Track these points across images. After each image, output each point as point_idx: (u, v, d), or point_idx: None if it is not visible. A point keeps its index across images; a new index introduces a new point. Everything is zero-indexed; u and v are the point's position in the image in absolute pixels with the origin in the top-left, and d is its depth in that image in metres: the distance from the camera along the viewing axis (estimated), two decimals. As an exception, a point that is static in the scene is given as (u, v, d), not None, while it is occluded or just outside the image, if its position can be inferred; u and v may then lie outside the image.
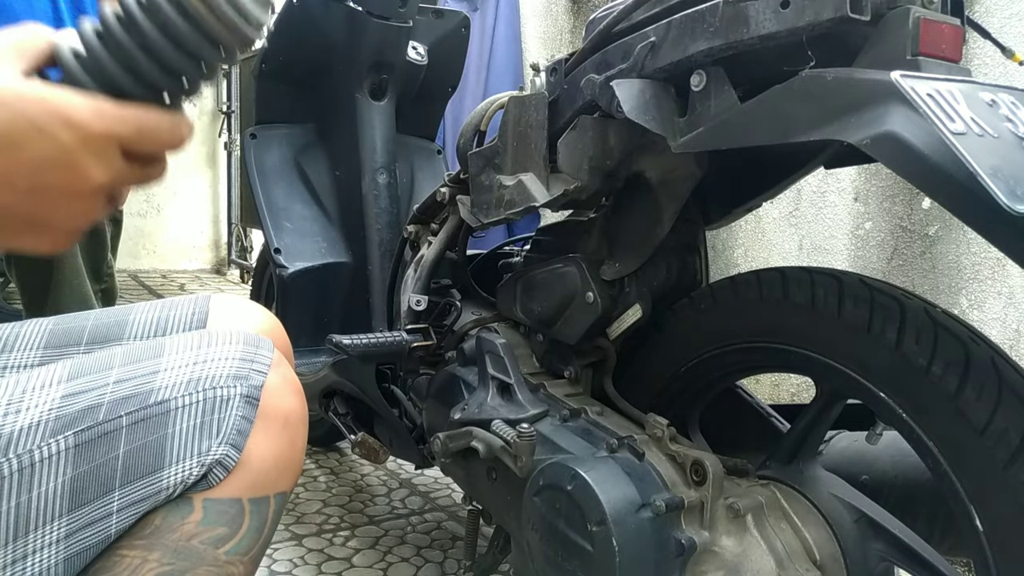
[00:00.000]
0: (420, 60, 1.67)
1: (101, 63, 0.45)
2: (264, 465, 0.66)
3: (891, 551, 0.78)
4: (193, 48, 0.45)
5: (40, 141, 0.40)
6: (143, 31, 0.44)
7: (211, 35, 0.45)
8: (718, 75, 0.77)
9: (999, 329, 1.57)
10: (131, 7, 0.45)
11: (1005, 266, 1.55)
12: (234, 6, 0.45)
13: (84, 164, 0.42)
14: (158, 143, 0.45)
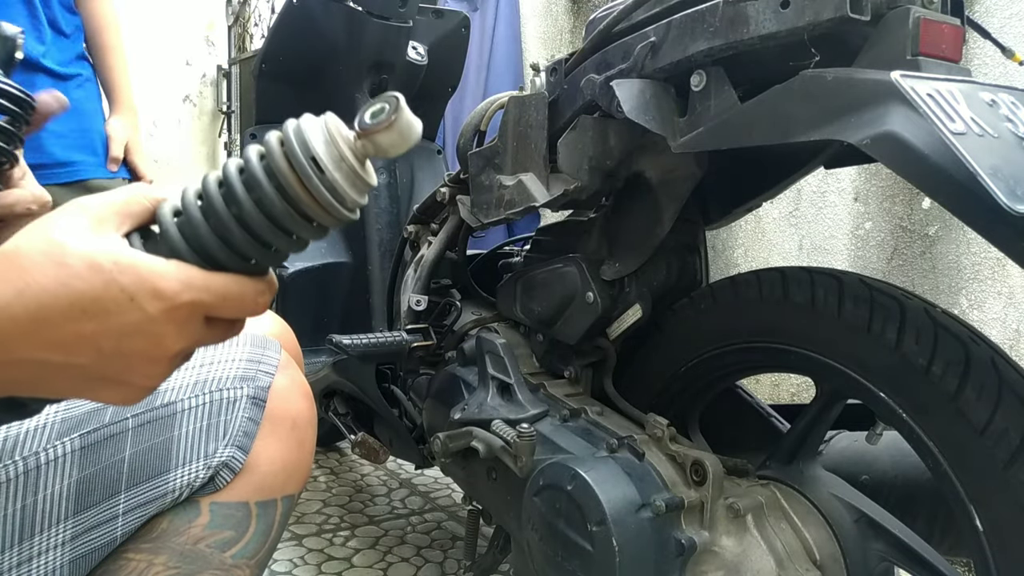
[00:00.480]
0: (420, 60, 1.67)
1: (198, 232, 0.46)
2: (271, 468, 0.65)
3: (891, 551, 0.78)
4: (288, 225, 0.46)
5: (129, 310, 0.42)
6: (242, 205, 0.45)
7: (307, 215, 0.46)
8: (718, 75, 0.77)
9: (999, 329, 1.57)
10: (232, 180, 0.46)
11: (1005, 266, 1.55)
12: (332, 192, 0.45)
13: (165, 334, 0.43)
14: (240, 311, 0.46)
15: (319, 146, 0.45)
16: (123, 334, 0.42)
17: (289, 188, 0.45)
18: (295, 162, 0.45)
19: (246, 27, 4.54)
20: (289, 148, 0.45)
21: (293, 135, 0.45)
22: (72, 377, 0.43)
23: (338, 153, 0.45)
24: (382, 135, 0.45)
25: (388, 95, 0.46)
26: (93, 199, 0.45)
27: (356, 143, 0.46)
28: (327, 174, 0.45)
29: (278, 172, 0.45)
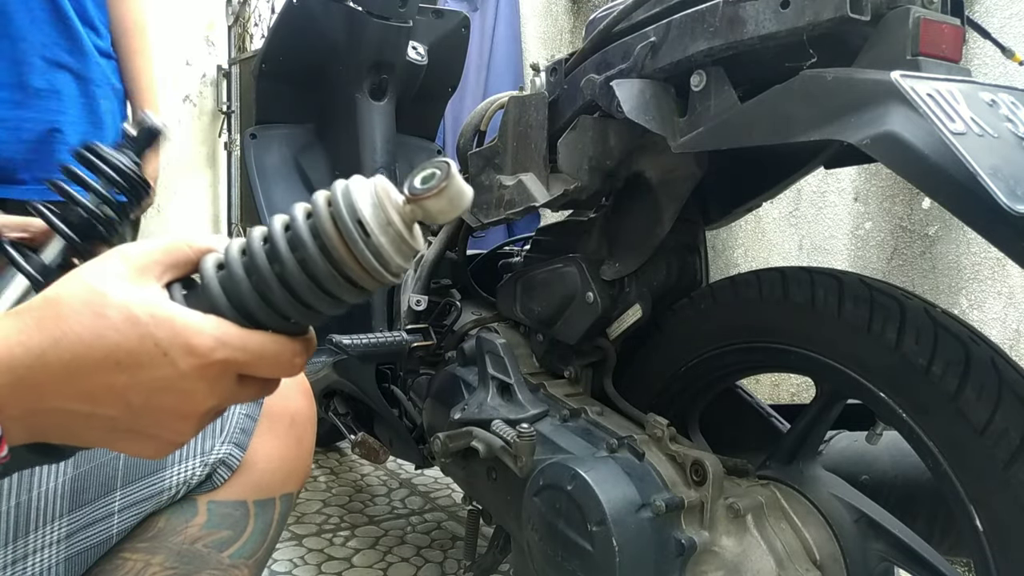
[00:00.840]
0: (420, 60, 1.66)
1: (239, 288, 0.45)
2: (269, 465, 0.65)
3: (891, 551, 0.78)
4: (330, 287, 0.45)
5: (162, 365, 0.41)
6: (285, 264, 0.45)
7: (351, 278, 0.45)
8: (718, 75, 0.77)
9: (999, 329, 1.57)
10: (277, 238, 0.45)
11: (1005, 266, 1.55)
12: (377, 256, 0.45)
13: (196, 391, 0.42)
14: (275, 371, 0.45)
15: (366, 209, 0.44)
16: (154, 389, 0.41)
17: (334, 251, 0.44)
18: (341, 225, 0.44)
19: (246, 27, 4.54)
20: (336, 210, 0.44)
21: (341, 197, 0.45)
22: (100, 428, 0.42)
23: (385, 218, 0.45)
24: (431, 201, 0.45)
25: (439, 160, 0.45)
26: (134, 247, 0.44)
27: (404, 208, 0.45)
28: (373, 239, 0.44)
29: (323, 234, 0.44)
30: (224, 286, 0.45)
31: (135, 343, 0.41)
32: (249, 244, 0.46)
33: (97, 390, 0.41)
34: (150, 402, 0.42)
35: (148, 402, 0.42)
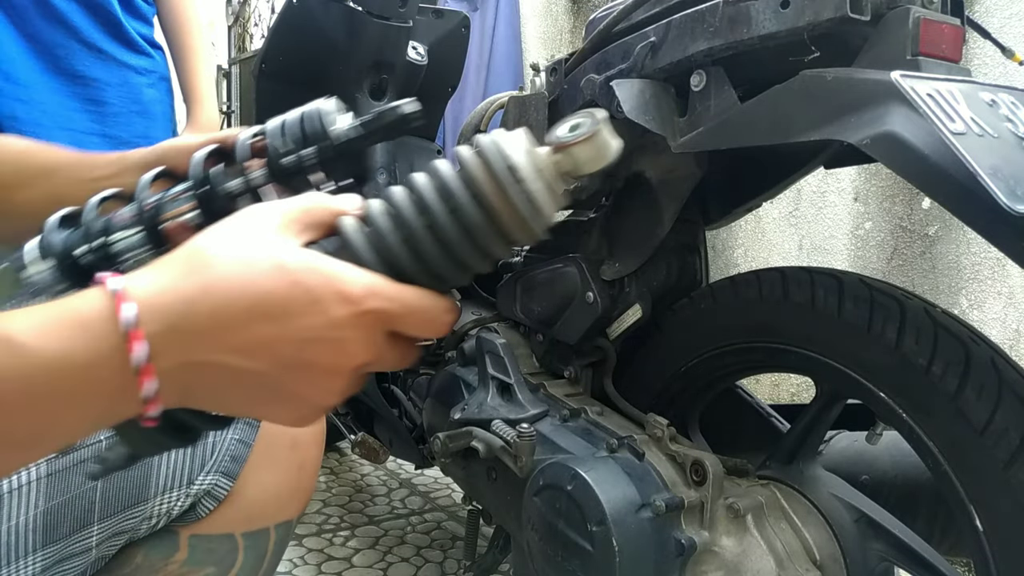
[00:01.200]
0: (420, 60, 1.66)
1: (386, 242, 0.44)
2: (263, 494, 0.60)
3: (891, 551, 0.78)
4: (481, 238, 0.44)
5: (313, 313, 0.39)
6: (435, 215, 0.43)
7: (502, 227, 0.44)
8: (718, 75, 0.77)
9: (999, 329, 1.57)
10: (424, 190, 0.44)
11: (1005, 266, 1.55)
12: (531, 202, 0.44)
13: (349, 340, 0.40)
14: (423, 327, 0.44)
15: (518, 155, 0.44)
16: (305, 339, 0.39)
17: (486, 197, 0.43)
18: (493, 170, 0.43)
19: (246, 27, 4.54)
20: (486, 157, 0.44)
21: (491, 144, 0.44)
22: (248, 386, 0.40)
23: (537, 163, 0.44)
24: (580, 148, 0.45)
25: (587, 111, 0.45)
26: (269, 207, 0.43)
27: (552, 156, 0.45)
28: (525, 184, 0.43)
29: (476, 180, 0.43)
30: (370, 241, 0.44)
31: (285, 290, 0.39)
32: (394, 199, 0.45)
33: (247, 341, 0.39)
34: (301, 354, 0.39)
35: (299, 354, 0.39)
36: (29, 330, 0.36)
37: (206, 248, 0.40)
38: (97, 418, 0.38)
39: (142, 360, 0.37)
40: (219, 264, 0.39)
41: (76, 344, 0.36)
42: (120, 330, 0.36)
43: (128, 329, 0.36)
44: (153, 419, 0.39)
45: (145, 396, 0.37)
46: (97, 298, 0.37)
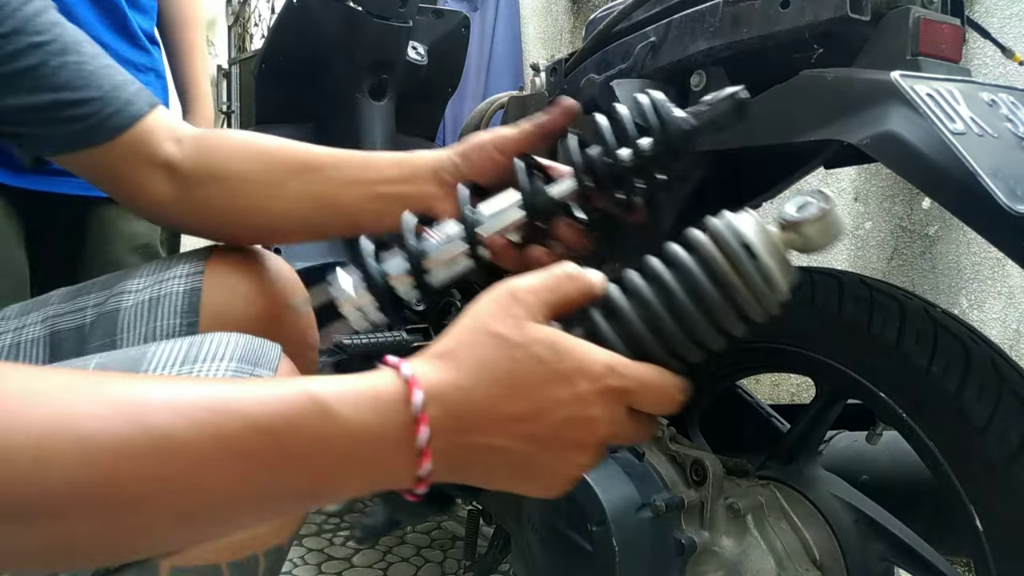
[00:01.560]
0: (420, 60, 1.67)
1: (628, 325, 0.47)
2: None
3: (891, 551, 0.78)
4: (719, 316, 0.47)
5: (565, 393, 0.44)
6: (673, 295, 0.47)
7: (738, 304, 0.47)
8: (718, 75, 0.77)
9: (999, 329, 1.57)
10: (661, 271, 0.47)
11: (1005, 266, 1.55)
12: (766, 278, 0.46)
13: (596, 417, 0.45)
14: (658, 404, 0.47)
15: (750, 234, 0.46)
16: (558, 418, 0.44)
17: (723, 275, 0.46)
18: (728, 249, 0.46)
19: (246, 27, 4.54)
20: (720, 236, 0.46)
21: (722, 225, 0.47)
22: (508, 464, 0.45)
23: (770, 240, 0.46)
24: (809, 226, 0.46)
25: (815, 191, 0.47)
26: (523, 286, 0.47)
27: (781, 235, 0.47)
28: (760, 260, 0.46)
29: (711, 259, 0.46)
30: (613, 323, 0.48)
31: (542, 377, 0.44)
32: (631, 282, 0.48)
33: (510, 424, 0.43)
34: (555, 432, 0.44)
35: (553, 432, 0.44)
36: (337, 399, 0.40)
37: (473, 344, 0.44)
38: (370, 484, 0.43)
39: (424, 442, 0.41)
40: (487, 359, 0.44)
41: (372, 418, 0.41)
42: (411, 413, 0.41)
43: (417, 413, 0.41)
44: (418, 496, 0.44)
45: (421, 475, 0.42)
46: (392, 380, 0.42)
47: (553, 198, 0.62)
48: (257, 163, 0.71)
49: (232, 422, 0.38)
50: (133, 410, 0.36)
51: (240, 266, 0.72)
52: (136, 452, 0.36)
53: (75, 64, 0.66)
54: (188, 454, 0.36)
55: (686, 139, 0.59)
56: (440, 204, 0.68)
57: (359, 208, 0.69)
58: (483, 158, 0.66)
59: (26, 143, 0.69)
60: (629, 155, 0.59)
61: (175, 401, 0.37)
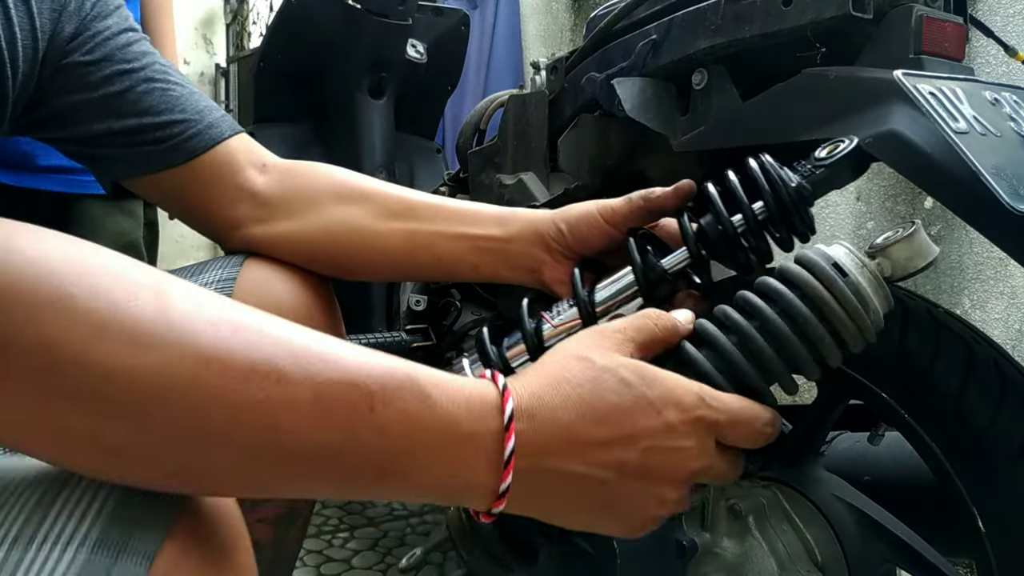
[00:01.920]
0: (419, 58, 1.66)
1: (726, 353, 0.47)
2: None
3: (893, 552, 0.78)
4: (813, 336, 0.47)
5: (653, 422, 0.43)
6: (766, 318, 0.47)
7: (832, 326, 0.47)
8: (720, 73, 0.77)
9: (1002, 329, 1.57)
10: (751, 297, 0.48)
11: (1008, 266, 1.55)
12: (857, 294, 0.46)
13: (685, 448, 0.44)
14: (748, 437, 0.47)
15: (839, 254, 0.47)
16: (646, 448, 0.43)
17: (818, 298, 0.46)
18: (822, 273, 0.46)
19: (244, 25, 4.53)
20: (812, 262, 0.47)
21: (812, 252, 0.48)
22: (590, 497, 0.43)
23: (859, 260, 0.47)
24: (898, 247, 0.48)
25: (904, 221, 0.48)
26: (607, 326, 0.47)
27: (871, 261, 0.48)
28: (851, 276, 0.46)
29: (801, 281, 0.47)
30: (704, 351, 0.48)
31: (630, 402, 0.43)
32: (723, 311, 0.49)
33: (595, 449, 0.42)
34: (642, 462, 0.43)
35: (640, 462, 0.43)
36: (434, 386, 0.40)
37: (561, 367, 0.44)
38: (444, 487, 0.41)
39: (510, 452, 0.40)
40: (574, 380, 0.43)
41: (464, 415, 0.40)
42: (502, 421, 0.40)
43: (508, 422, 0.40)
44: (493, 516, 0.42)
45: (502, 489, 0.41)
46: (488, 386, 0.42)
47: (667, 272, 0.62)
48: (352, 202, 0.71)
49: (330, 371, 0.38)
50: (249, 336, 0.37)
51: (276, 279, 0.69)
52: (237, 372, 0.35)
53: (161, 90, 0.67)
54: (281, 387, 0.36)
55: (799, 202, 0.57)
56: (546, 270, 0.68)
57: (456, 259, 0.70)
58: (592, 231, 0.65)
59: (107, 167, 0.70)
60: (741, 221, 0.59)
61: (289, 341, 0.38)
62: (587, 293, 0.62)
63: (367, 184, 0.73)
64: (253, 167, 0.72)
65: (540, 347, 0.61)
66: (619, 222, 0.64)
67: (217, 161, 0.69)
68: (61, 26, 0.61)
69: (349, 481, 0.39)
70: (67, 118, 0.65)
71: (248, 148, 0.72)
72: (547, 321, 0.64)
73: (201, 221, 0.73)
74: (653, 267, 0.61)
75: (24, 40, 0.57)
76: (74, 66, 0.63)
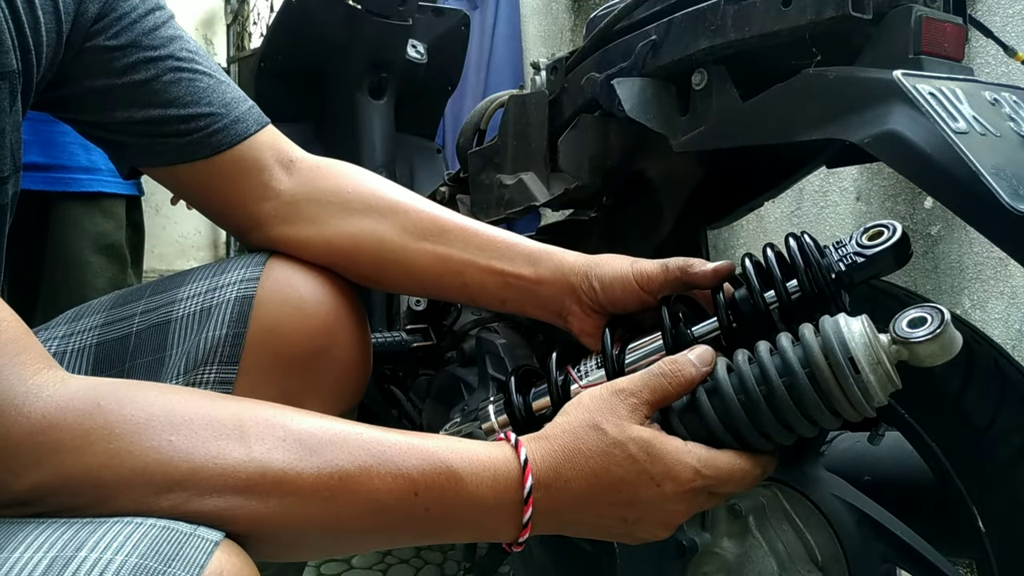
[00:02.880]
0: (420, 58, 1.66)
1: (728, 407, 0.51)
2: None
3: (893, 552, 0.78)
4: (813, 413, 0.50)
5: (653, 492, 0.51)
6: (773, 388, 0.50)
7: (833, 408, 0.49)
8: (719, 74, 0.77)
9: (1001, 329, 1.57)
10: (766, 364, 0.51)
11: (1007, 266, 1.54)
12: (864, 392, 0.48)
13: (677, 511, 0.52)
14: (737, 489, 0.54)
15: (859, 348, 0.48)
16: (645, 509, 0.52)
17: (824, 382, 0.48)
18: (833, 360, 0.48)
19: (245, 26, 4.53)
20: (828, 344, 0.49)
21: (832, 334, 0.49)
22: (595, 532, 0.54)
23: (876, 357, 0.48)
24: (923, 346, 0.48)
25: (928, 306, 0.49)
26: (623, 387, 0.53)
27: (891, 347, 0.49)
28: (863, 375, 0.48)
29: (815, 365, 0.49)
30: (713, 399, 0.52)
31: (634, 477, 0.51)
32: (739, 363, 0.52)
33: (602, 509, 0.52)
34: (641, 517, 0.52)
35: (639, 517, 0.52)
36: (467, 472, 0.48)
37: (577, 436, 0.51)
38: (474, 538, 0.52)
39: (528, 517, 0.50)
40: (586, 453, 0.51)
41: (490, 494, 0.49)
42: (523, 495, 0.49)
43: (527, 496, 0.49)
44: (520, 544, 0.52)
45: (520, 540, 0.51)
46: (511, 460, 0.50)
47: (696, 340, 0.62)
48: (380, 214, 0.70)
49: (380, 466, 0.46)
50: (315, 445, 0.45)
51: (300, 279, 0.68)
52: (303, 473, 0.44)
53: (188, 80, 0.64)
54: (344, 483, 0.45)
55: (835, 285, 0.57)
56: (574, 320, 0.68)
57: (484, 290, 0.70)
58: (625, 294, 0.64)
59: (126, 154, 0.68)
60: (774, 298, 0.59)
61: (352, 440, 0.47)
62: (615, 354, 0.63)
63: (396, 195, 0.72)
64: (279, 164, 0.70)
65: (565, 400, 0.62)
66: (654, 289, 0.64)
67: (242, 157, 0.68)
68: (84, 6, 0.59)
69: (395, 543, 0.52)
70: (88, 102, 0.63)
71: (274, 143, 0.70)
72: (574, 380, 0.65)
73: (222, 216, 0.72)
74: (683, 334, 0.62)
75: (48, 24, 0.55)
76: (98, 50, 0.61)
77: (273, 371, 0.65)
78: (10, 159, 0.56)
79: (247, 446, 0.44)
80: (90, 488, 0.41)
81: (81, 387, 0.43)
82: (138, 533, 0.39)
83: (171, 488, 0.42)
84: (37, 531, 0.39)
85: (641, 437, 0.51)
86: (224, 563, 0.40)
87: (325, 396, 0.67)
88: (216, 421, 0.44)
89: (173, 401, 0.45)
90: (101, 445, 0.41)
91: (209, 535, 0.41)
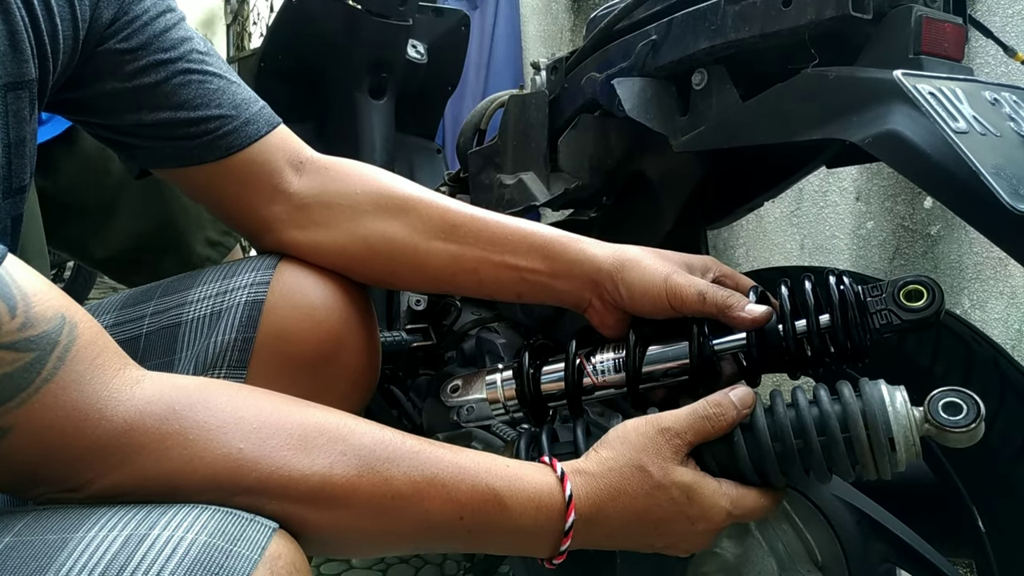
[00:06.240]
0: (420, 59, 1.66)
1: (760, 450, 0.55)
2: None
3: (893, 552, 0.78)
4: (839, 469, 0.55)
5: (686, 528, 0.56)
6: (810, 442, 0.54)
7: (856, 466, 0.55)
8: (719, 73, 0.77)
9: (1001, 329, 1.57)
10: (806, 418, 0.55)
11: (1007, 266, 1.54)
12: (894, 466, 0.53)
13: (703, 543, 0.58)
14: (752, 518, 0.59)
15: (898, 431, 0.52)
16: (673, 541, 0.57)
17: (859, 449, 0.53)
18: (874, 437, 0.52)
19: (244, 26, 4.54)
20: (872, 420, 0.52)
21: (878, 411, 0.53)
22: (615, 548, 0.60)
23: (912, 439, 0.52)
24: (954, 435, 0.51)
25: (963, 393, 0.51)
26: (668, 427, 0.56)
27: (923, 425, 0.52)
28: (897, 454, 0.52)
29: (856, 437, 0.53)
30: (747, 436, 0.56)
31: (673, 517, 0.55)
32: (778, 408, 0.56)
33: (634, 538, 0.57)
34: (668, 545, 0.58)
35: (666, 545, 0.58)
36: (511, 499, 0.52)
37: (622, 473, 0.55)
38: (513, 554, 0.59)
39: (567, 547, 0.54)
40: (629, 492, 0.54)
41: (532, 523, 0.53)
42: (564, 527, 0.53)
43: (568, 528, 0.53)
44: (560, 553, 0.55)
45: (556, 562, 0.55)
46: (556, 494, 0.53)
47: (716, 353, 0.64)
48: (392, 214, 0.70)
49: (433, 489, 0.50)
50: (374, 462, 0.49)
51: (311, 284, 0.68)
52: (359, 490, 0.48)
53: (198, 82, 0.64)
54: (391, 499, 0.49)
55: (866, 326, 0.59)
56: (594, 313, 0.68)
57: (500, 286, 0.70)
58: (655, 308, 0.64)
59: (137, 156, 0.68)
60: (803, 328, 0.61)
61: (408, 459, 0.50)
62: (635, 359, 0.64)
63: (407, 192, 0.71)
64: (290, 165, 0.70)
65: (578, 391, 0.67)
66: (685, 311, 0.63)
67: (253, 159, 0.67)
68: (100, 11, 0.59)
69: (432, 551, 0.58)
70: (98, 105, 0.63)
71: (285, 144, 0.70)
72: (588, 375, 0.66)
73: (232, 217, 0.71)
74: (706, 346, 0.63)
75: (65, 31, 0.56)
76: (110, 53, 0.61)
77: (281, 376, 0.65)
78: (29, 167, 0.56)
79: (310, 458, 0.47)
80: (164, 489, 0.44)
81: (157, 390, 0.46)
82: (205, 515, 0.42)
83: (238, 493, 0.45)
84: (110, 512, 0.42)
85: (683, 482, 0.54)
86: (282, 547, 0.44)
87: (332, 401, 0.66)
88: (283, 431, 0.47)
89: (242, 408, 0.47)
90: (176, 451, 0.44)
91: (267, 522, 0.45)
